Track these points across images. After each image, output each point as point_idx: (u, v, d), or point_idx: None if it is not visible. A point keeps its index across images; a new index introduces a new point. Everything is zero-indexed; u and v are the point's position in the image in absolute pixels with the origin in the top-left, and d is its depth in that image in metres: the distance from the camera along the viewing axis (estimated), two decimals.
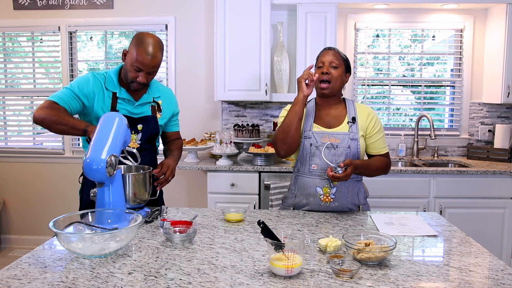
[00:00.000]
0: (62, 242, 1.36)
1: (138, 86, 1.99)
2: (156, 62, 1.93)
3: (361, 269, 1.29)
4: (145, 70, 1.93)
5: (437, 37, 3.81)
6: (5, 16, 3.86)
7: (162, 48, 1.98)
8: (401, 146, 3.73)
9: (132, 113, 2.05)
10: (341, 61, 1.97)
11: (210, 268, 1.31)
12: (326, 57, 1.97)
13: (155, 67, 1.95)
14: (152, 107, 2.11)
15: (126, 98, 2.04)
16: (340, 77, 1.96)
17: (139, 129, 2.07)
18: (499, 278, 1.24)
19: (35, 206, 4.02)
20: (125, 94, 2.04)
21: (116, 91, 2.03)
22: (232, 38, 3.38)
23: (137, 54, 1.89)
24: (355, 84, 3.83)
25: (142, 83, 1.97)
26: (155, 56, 1.92)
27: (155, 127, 2.11)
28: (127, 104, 2.05)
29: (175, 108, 2.25)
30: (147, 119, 2.08)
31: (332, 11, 3.35)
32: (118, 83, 2.04)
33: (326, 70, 1.94)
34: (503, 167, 3.22)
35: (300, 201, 2.00)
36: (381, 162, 2.01)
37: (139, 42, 1.91)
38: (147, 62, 1.90)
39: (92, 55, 4.01)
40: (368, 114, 2.01)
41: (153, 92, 2.12)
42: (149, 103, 2.11)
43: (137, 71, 1.93)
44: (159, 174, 2.00)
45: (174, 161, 2.15)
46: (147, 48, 1.90)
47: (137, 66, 1.91)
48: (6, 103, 4.06)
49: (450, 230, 1.71)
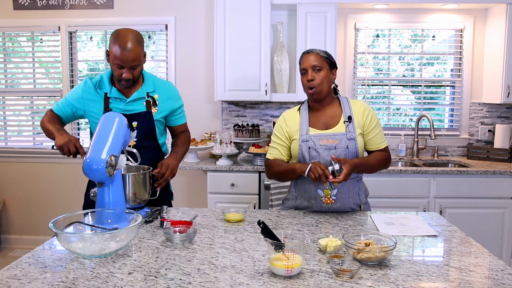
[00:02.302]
0: (62, 242, 1.36)
1: (126, 84, 1.99)
2: (134, 55, 1.90)
3: (361, 269, 1.29)
4: (125, 66, 1.92)
5: (437, 37, 3.81)
6: (5, 16, 3.86)
7: (139, 40, 1.95)
8: (401, 146, 3.73)
9: (124, 110, 2.04)
10: (323, 62, 1.93)
11: (210, 268, 1.31)
12: (307, 62, 1.93)
13: (135, 60, 1.92)
14: (147, 102, 2.08)
15: (117, 97, 2.05)
16: (326, 77, 1.93)
17: (134, 126, 2.06)
18: (499, 278, 1.24)
19: (35, 206, 4.02)
20: (115, 93, 2.05)
21: (107, 91, 2.05)
22: (232, 38, 3.38)
23: (114, 52, 1.89)
24: (355, 84, 3.83)
25: (128, 79, 1.96)
26: (131, 50, 1.89)
27: (150, 123, 2.08)
28: (119, 102, 2.06)
29: (174, 101, 2.18)
30: (140, 115, 2.06)
31: (332, 11, 3.35)
32: (109, 83, 2.06)
33: (310, 77, 1.91)
34: (503, 167, 3.22)
35: (301, 203, 2.00)
36: (380, 157, 1.98)
37: (115, 39, 1.91)
38: (125, 58, 1.89)
39: (92, 55, 4.01)
40: (363, 110, 1.98)
41: (147, 87, 2.10)
42: (143, 99, 2.09)
43: (120, 68, 1.93)
44: (158, 175, 1.99)
45: (176, 159, 2.12)
46: (123, 43, 1.88)
47: (117, 63, 1.91)
48: (6, 103, 4.06)
49: (450, 230, 1.71)
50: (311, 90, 1.93)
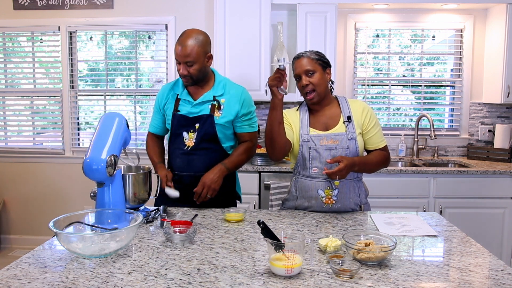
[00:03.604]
0: (62, 242, 1.36)
1: (186, 80, 2.04)
2: (187, 51, 1.95)
3: (361, 269, 1.29)
4: (181, 61, 1.98)
5: (437, 37, 3.81)
6: (5, 16, 3.86)
7: (199, 39, 1.99)
8: (401, 146, 3.73)
9: (190, 112, 2.08)
10: (315, 64, 1.89)
11: (210, 268, 1.31)
12: (300, 67, 1.90)
13: (188, 56, 1.96)
14: (212, 106, 2.08)
15: (186, 99, 2.10)
16: (321, 79, 1.90)
17: (196, 127, 2.07)
18: (499, 278, 1.24)
19: (35, 206, 4.02)
20: (185, 95, 2.11)
21: (179, 92, 2.12)
22: (232, 38, 3.38)
23: (175, 48, 1.99)
24: (355, 84, 3.83)
25: (185, 76, 2.00)
26: (185, 45, 1.95)
27: (210, 126, 2.06)
28: (187, 104, 2.10)
29: (241, 106, 2.09)
30: (202, 117, 2.06)
31: (332, 11, 3.35)
32: (183, 85, 2.12)
33: (305, 82, 1.89)
34: (503, 167, 3.22)
35: (302, 204, 1.99)
36: (379, 156, 1.97)
37: (179, 36, 2.01)
38: (179, 52, 1.97)
39: (92, 55, 4.01)
40: (362, 109, 1.97)
41: (215, 90, 2.10)
42: (209, 102, 2.08)
43: (178, 64, 2.01)
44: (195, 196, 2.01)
45: (219, 171, 2.03)
46: (182, 40, 1.98)
47: (176, 58, 2.00)
48: (6, 103, 4.06)
49: (450, 230, 1.71)
50: (309, 95, 1.92)
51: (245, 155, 2.16)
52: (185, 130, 2.09)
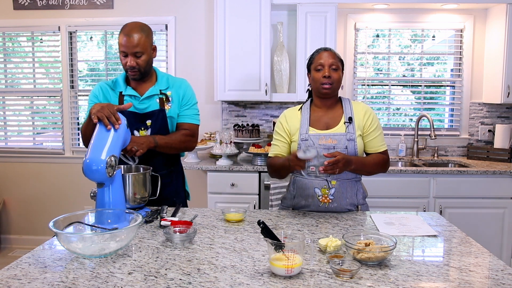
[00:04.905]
0: (62, 242, 1.36)
1: (133, 73, 2.01)
2: (135, 41, 1.94)
3: (361, 269, 1.29)
4: (128, 52, 1.96)
5: (437, 37, 3.81)
6: (5, 16, 3.86)
7: (143, 29, 1.99)
8: (401, 146, 3.73)
9: (138, 108, 2.06)
10: (338, 63, 1.95)
11: (210, 268, 1.31)
12: (325, 59, 1.94)
13: (136, 46, 1.95)
14: (160, 100, 2.08)
15: (132, 94, 2.07)
16: (340, 78, 1.96)
17: (148, 124, 2.06)
18: (499, 278, 1.24)
19: (35, 206, 4.02)
20: (130, 90, 2.08)
21: (122, 90, 2.08)
22: (232, 38, 3.38)
23: (120, 40, 1.97)
24: (355, 84, 3.83)
25: (133, 68, 1.98)
26: (132, 35, 1.94)
27: (163, 120, 2.07)
28: (133, 100, 2.07)
29: (183, 97, 2.13)
30: (154, 113, 2.06)
31: (332, 11, 3.35)
32: (124, 82, 2.10)
33: (328, 73, 1.92)
34: (503, 167, 3.22)
35: (299, 202, 2.00)
36: (378, 159, 1.98)
37: (122, 29, 1.99)
38: (126, 43, 1.94)
39: (92, 55, 4.01)
40: (365, 112, 1.99)
41: (160, 84, 2.11)
42: (156, 96, 2.09)
43: (125, 56, 1.98)
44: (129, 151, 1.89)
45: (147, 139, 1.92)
46: (127, 30, 1.96)
47: (122, 50, 1.97)
48: (6, 103, 4.06)
49: (450, 230, 1.71)
50: (326, 86, 1.93)
51: (179, 140, 2.06)
52: (136, 128, 2.05)
